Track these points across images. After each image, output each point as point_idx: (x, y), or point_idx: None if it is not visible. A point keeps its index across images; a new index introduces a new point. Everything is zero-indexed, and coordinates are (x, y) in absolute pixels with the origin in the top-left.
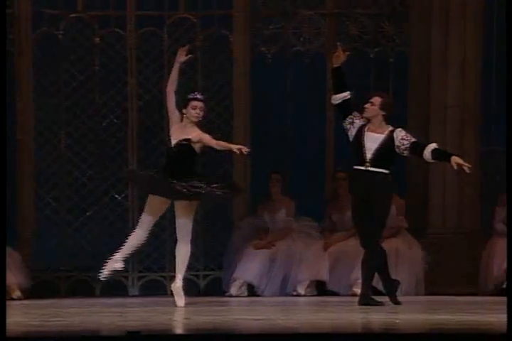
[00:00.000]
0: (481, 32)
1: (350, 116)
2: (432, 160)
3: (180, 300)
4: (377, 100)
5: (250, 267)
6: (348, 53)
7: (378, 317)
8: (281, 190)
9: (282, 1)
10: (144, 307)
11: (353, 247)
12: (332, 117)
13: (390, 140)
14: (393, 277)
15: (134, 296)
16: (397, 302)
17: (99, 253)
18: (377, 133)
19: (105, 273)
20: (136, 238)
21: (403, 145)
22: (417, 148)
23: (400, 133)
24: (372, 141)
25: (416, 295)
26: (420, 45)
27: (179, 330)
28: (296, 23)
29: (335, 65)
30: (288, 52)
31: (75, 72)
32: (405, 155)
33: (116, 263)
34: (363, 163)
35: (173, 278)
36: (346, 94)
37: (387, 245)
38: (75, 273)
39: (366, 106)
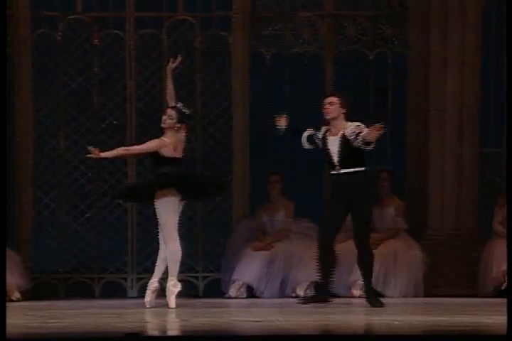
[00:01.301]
0: (480, 33)
1: (314, 137)
2: (364, 146)
3: (169, 302)
4: (334, 99)
5: (249, 268)
6: (286, 116)
7: (377, 318)
8: (280, 191)
9: (281, 2)
10: (143, 309)
11: (351, 249)
12: None
13: (346, 138)
14: (392, 279)
15: (132, 298)
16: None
17: (99, 254)
18: (336, 135)
19: (146, 299)
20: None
21: (352, 137)
22: (357, 138)
23: (350, 129)
24: (334, 144)
25: (415, 297)
26: (419, 47)
27: (178, 332)
28: (294, 25)
29: (282, 129)
30: (286, 54)
31: (73, 73)
32: (361, 147)
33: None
34: (334, 167)
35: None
36: (306, 134)
37: (386, 247)
38: (73, 275)
39: (326, 107)
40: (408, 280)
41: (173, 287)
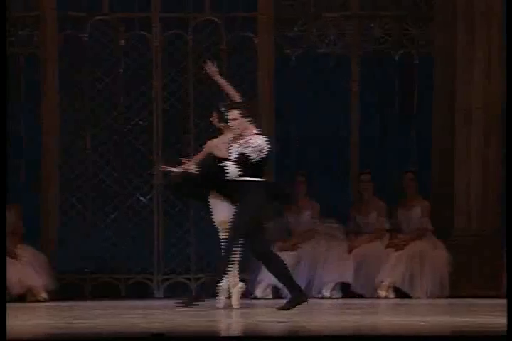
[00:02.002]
0: (507, 32)
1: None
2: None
3: (232, 302)
4: (235, 113)
5: None
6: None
7: (402, 319)
8: (306, 191)
9: (306, 3)
10: (169, 310)
11: (377, 249)
12: (356, 118)
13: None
14: (418, 279)
15: (158, 298)
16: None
17: (124, 255)
18: (236, 142)
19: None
20: None
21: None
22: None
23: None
24: (233, 152)
25: (440, 297)
26: (445, 47)
27: (203, 333)
28: (320, 25)
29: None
30: (312, 54)
31: (100, 74)
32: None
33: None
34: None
35: (197, 280)
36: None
37: (412, 247)
38: (99, 275)
39: (230, 124)
40: (434, 280)
41: (232, 287)
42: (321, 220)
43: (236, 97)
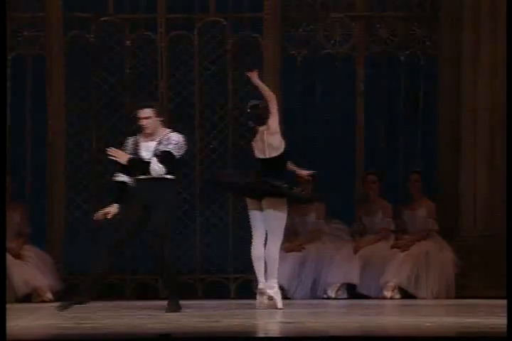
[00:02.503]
0: (507, 32)
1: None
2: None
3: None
4: (148, 112)
5: (280, 270)
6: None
7: (408, 320)
8: (312, 192)
9: (312, 3)
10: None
11: (383, 250)
12: (362, 119)
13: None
14: (424, 280)
15: (164, 299)
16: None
17: (130, 255)
18: (151, 140)
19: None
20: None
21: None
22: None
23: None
24: (147, 150)
25: (446, 298)
26: (451, 47)
27: (209, 333)
28: (326, 26)
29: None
30: (318, 55)
31: (105, 75)
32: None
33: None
34: (144, 172)
35: (202, 280)
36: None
37: (418, 248)
38: None
39: (142, 123)
40: (440, 281)
41: (269, 289)
42: (326, 221)
43: (272, 99)
